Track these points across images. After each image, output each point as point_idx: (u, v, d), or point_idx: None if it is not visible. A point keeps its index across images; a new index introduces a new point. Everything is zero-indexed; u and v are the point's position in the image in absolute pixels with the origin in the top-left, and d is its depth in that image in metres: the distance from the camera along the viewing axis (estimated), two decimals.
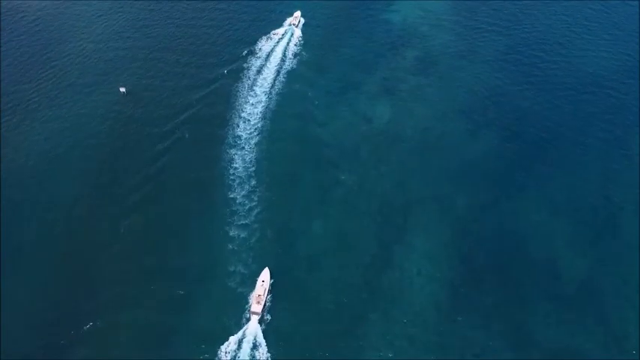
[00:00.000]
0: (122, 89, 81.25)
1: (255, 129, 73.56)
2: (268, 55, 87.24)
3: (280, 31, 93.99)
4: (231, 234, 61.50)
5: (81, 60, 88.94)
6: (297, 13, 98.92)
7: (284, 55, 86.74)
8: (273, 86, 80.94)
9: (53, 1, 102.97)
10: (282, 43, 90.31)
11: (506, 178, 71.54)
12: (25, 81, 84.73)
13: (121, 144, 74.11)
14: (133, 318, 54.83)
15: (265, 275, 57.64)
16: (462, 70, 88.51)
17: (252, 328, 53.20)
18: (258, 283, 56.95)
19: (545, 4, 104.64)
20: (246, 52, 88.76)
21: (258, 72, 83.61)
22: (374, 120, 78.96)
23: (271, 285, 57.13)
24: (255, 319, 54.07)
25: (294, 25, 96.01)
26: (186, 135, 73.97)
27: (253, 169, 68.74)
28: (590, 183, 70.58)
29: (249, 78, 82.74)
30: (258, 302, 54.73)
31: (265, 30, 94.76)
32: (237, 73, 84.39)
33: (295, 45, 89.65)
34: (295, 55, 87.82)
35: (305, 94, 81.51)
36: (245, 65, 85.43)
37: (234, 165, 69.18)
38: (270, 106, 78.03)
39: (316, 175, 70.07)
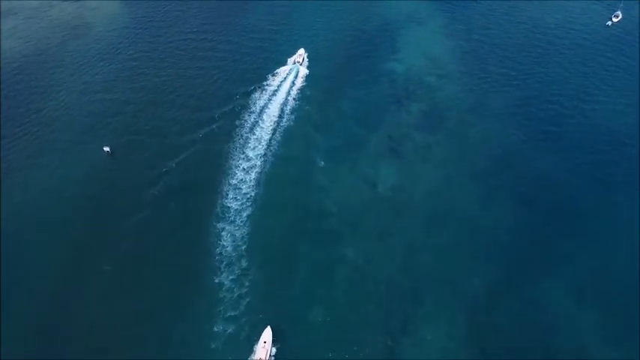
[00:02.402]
0: (106, 148, 74.79)
1: (248, 198, 66.47)
2: (263, 109, 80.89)
3: (285, 69, 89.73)
4: (215, 329, 53.98)
5: (64, 114, 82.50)
6: (301, 51, 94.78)
7: (281, 111, 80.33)
8: (269, 146, 74.22)
9: (37, 47, 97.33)
10: (282, 91, 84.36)
11: (524, 255, 64.58)
12: (3, 135, 78.16)
13: (101, 214, 66.90)
14: None
15: (267, 336, 53.35)
16: (471, 126, 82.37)
17: None
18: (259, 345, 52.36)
19: (557, 50, 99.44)
20: (240, 105, 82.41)
21: (252, 129, 76.98)
22: (378, 185, 72.31)
23: None
24: None
25: (298, 62, 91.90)
26: (172, 204, 66.89)
27: (244, 247, 61.51)
28: (618, 261, 63.73)
29: (241, 136, 76.01)
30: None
31: (263, 73, 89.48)
32: (229, 130, 77.59)
33: (294, 99, 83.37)
34: (293, 110, 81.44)
35: (304, 155, 74.84)
36: (238, 122, 78.68)
37: (223, 242, 61.90)
38: (265, 169, 71.21)
39: (315, 253, 62.93)
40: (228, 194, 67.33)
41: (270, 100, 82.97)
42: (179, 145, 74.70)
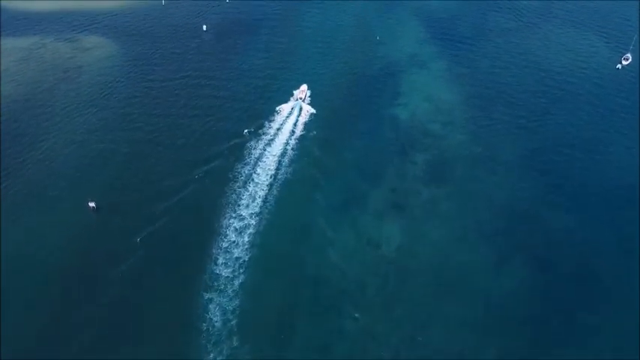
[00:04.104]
0: (91, 204, 69.85)
1: (240, 264, 60.88)
2: (258, 159, 76.22)
3: (287, 106, 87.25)
4: None
5: (49, 165, 77.45)
6: (304, 87, 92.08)
7: (278, 163, 75.58)
8: (264, 203, 69.15)
9: (26, 90, 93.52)
10: (280, 140, 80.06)
11: (542, 328, 58.85)
12: None
13: (72, 286, 60.52)
14: None
15: None
16: (480, 179, 77.64)
17: None
18: None
19: (567, 94, 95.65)
20: (234, 155, 77.67)
21: (246, 183, 71.93)
22: (382, 245, 67.03)
23: None
24: None
25: (300, 99, 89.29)
26: (155, 271, 60.85)
27: (235, 321, 55.60)
28: None
29: (234, 191, 70.89)
30: None
31: (262, 115, 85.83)
32: (222, 185, 72.13)
33: (292, 149, 78.85)
34: (291, 162, 76.73)
35: (302, 213, 69.73)
36: (231, 175, 73.65)
37: (211, 316, 55.93)
38: (260, 229, 65.96)
39: (314, 326, 57.22)
40: (218, 259, 61.63)
41: (266, 149, 78.47)
42: (167, 201, 69.23)
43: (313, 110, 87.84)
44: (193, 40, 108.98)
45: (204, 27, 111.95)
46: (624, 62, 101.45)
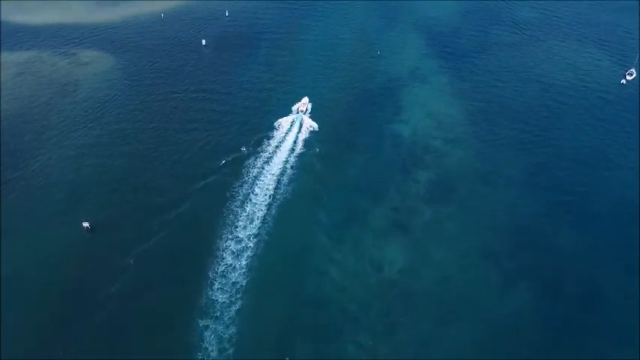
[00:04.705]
0: (85, 224, 68.10)
1: (237, 289, 58.81)
2: (257, 178, 74.46)
3: (288, 119, 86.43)
4: None
5: (43, 182, 75.92)
6: (305, 100, 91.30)
7: (277, 181, 73.79)
8: (263, 223, 67.18)
9: (22, 105, 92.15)
10: (278, 158, 78.25)
11: (550, 355, 56.76)
12: None
13: (65, 308, 58.91)
14: None
15: None
16: (483, 197, 75.85)
17: None
18: None
19: (570, 109, 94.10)
20: (231, 173, 75.90)
21: (244, 203, 70.04)
22: (384, 267, 65.07)
23: None
24: None
25: (302, 111, 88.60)
26: (148, 296, 58.70)
27: (231, 350, 53.51)
28: None
29: (232, 211, 68.95)
30: None
31: (261, 130, 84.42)
32: (219, 204, 70.26)
33: (291, 167, 77.09)
34: (290, 180, 74.97)
35: (302, 233, 67.87)
36: (228, 194, 71.89)
37: (206, 345, 53.84)
38: (258, 252, 63.98)
39: (315, 354, 55.02)
40: (214, 284, 59.58)
41: (265, 167, 76.72)
42: (162, 221, 67.40)
43: (314, 124, 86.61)
44: (192, 54, 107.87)
45: (204, 41, 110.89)
46: (628, 77, 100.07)
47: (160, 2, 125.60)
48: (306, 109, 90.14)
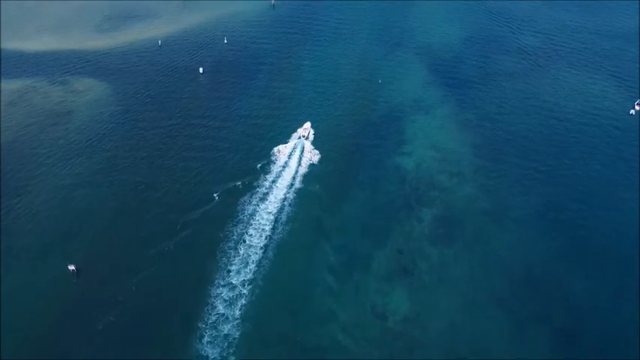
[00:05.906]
0: (71, 267, 64.39)
1: (229, 343, 54.53)
2: (252, 215, 70.79)
3: (289, 146, 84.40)
4: None
5: (30, 219, 72.26)
6: (307, 125, 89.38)
7: (275, 220, 70.29)
8: (258, 267, 63.32)
9: (14, 136, 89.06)
10: (275, 196, 74.67)
11: None
12: None
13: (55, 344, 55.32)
14: None
15: None
16: (491, 236, 72.09)
17: None
18: None
19: (579, 141, 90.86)
20: (224, 210, 72.20)
21: (238, 244, 66.19)
22: (388, 316, 60.99)
23: None
24: None
25: (303, 137, 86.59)
26: (128, 354, 54.25)
27: None
28: None
29: (225, 253, 65.05)
30: None
31: (259, 160, 79.92)
32: (212, 244, 66.49)
33: (289, 205, 73.53)
34: (288, 219, 71.30)
35: (300, 279, 63.82)
36: (222, 235, 67.95)
37: None
38: (253, 299, 59.97)
39: None
40: (204, 336, 55.28)
41: (259, 204, 73.06)
42: (149, 264, 63.26)
43: (316, 152, 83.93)
44: (189, 83, 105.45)
45: (201, 69, 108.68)
46: (637, 108, 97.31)
47: (158, 29, 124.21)
48: (308, 134, 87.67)
